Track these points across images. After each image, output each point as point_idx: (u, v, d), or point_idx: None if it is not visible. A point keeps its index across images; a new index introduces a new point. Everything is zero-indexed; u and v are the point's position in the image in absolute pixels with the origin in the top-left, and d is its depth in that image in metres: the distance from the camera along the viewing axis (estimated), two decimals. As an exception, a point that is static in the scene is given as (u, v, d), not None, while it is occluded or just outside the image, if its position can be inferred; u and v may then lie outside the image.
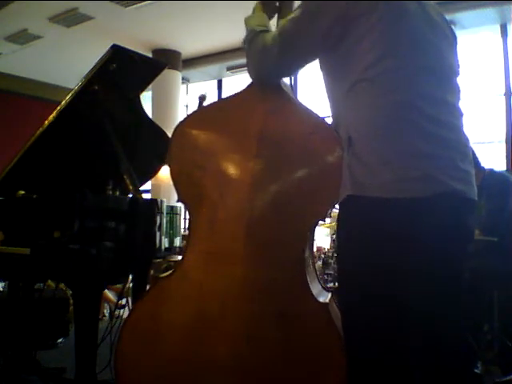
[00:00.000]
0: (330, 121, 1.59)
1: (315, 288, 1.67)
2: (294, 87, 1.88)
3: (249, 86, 1.74)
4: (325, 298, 1.67)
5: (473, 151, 3.37)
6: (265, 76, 1.61)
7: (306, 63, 1.54)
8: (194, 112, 1.83)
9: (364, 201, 1.31)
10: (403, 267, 1.28)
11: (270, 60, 1.51)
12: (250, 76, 1.64)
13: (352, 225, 1.37)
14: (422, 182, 1.27)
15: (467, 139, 1.41)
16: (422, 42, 1.37)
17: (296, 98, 1.75)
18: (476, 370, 2.74)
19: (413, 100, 1.31)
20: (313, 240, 1.77)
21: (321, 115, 1.65)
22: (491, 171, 3.30)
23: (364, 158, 1.32)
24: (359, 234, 1.33)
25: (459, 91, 1.45)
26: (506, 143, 6.33)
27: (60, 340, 3.55)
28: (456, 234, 1.31)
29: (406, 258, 1.28)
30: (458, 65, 1.48)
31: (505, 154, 6.30)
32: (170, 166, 1.75)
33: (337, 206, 1.49)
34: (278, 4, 1.78)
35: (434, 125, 1.31)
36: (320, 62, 1.52)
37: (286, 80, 1.77)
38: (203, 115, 1.82)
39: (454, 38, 1.51)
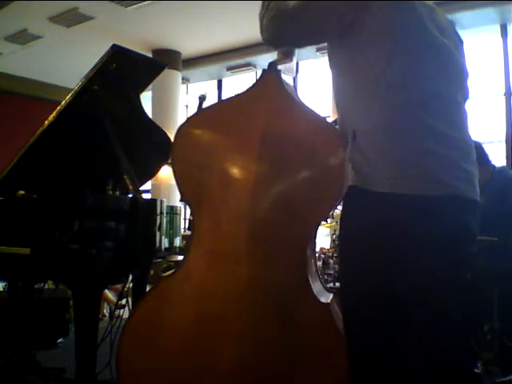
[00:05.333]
0: (330, 120, 1.59)
1: (317, 288, 1.67)
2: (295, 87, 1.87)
3: (252, 87, 1.74)
4: (326, 298, 1.67)
5: (482, 148, 3.33)
6: (277, 37, 1.47)
7: (314, 40, 1.52)
8: (197, 113, 1.82)
9: (365, 194, 1.31)
10: (401, 264, 1.27)
11: (285, 23, 1.40)
12: (262, 35, 1.48)
13: (353, 218, 1.36)
14: (424, 180, 1.27)
15: (471, 139, 1.41)
16: (433, 41, 1.36)
17: (299, 98, 1.74)
18: (476, 370, 2.73)
19: (421, 98, 1.31)
20: (315, 240, 1.77)
21: (321, 115, 1.65)
22: (502, 169, 3.27)
23: (367, 152, 1.32)
24: (359, 227, 1.32)
25: (468, 94, 1.45)
26: (506, 143, 6.34)
27: (60, 340, 3.54)
28: (457, 234, 1.31)
29: (404, 254, 1.27)
30: (466, 67, 1.48)
31: (505, 154, 6.30)
32: (173, 166, 1.75)
33: (339, 206, 1.48)
34: None
35: (440, 123, 1.31)
36: (330, 58, 1.49)
37: (290, 81, 1.76)
38: (206, 116, 1.82)
39: (461, 41, 1.52)
